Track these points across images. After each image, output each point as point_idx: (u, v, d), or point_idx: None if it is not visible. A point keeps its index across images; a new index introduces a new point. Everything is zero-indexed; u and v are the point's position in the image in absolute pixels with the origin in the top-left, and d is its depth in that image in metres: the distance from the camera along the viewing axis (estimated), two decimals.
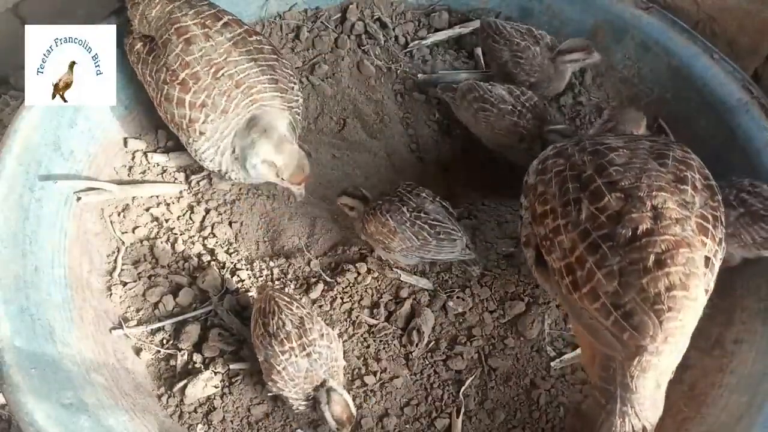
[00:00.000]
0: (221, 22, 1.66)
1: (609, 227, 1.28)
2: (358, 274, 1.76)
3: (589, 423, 1.35)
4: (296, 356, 1.44)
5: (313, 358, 1.45)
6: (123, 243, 1.79)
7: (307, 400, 1.48)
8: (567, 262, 1.33)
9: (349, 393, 1.50)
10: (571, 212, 1.34)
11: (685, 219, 1.27)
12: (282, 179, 1.66)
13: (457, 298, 1.75)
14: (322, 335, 1.49)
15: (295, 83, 1.74)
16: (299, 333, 1.46)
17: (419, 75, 2.17)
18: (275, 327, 1.46)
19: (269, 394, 1.56)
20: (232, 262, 1.80)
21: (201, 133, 1.64)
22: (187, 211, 1.87)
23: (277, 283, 1.77)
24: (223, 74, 1.61)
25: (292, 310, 1.50)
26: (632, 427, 1.27)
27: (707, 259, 1.28)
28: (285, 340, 1.44)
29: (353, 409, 1.47)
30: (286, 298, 1.53)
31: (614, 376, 1.27)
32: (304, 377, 1.45)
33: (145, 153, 1.92)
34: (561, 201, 1.37)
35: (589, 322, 1.33)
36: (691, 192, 1.32)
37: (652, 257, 1.22)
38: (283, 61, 1.74)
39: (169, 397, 1.60)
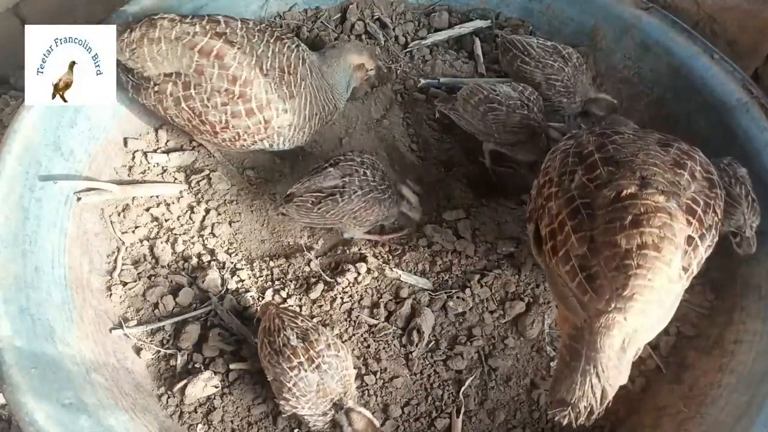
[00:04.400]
0: (222, 24, 1.65)
1: (593, 195, 1.34)
2: (358, 274, 1.76)
3: (552, 380, 1.36)
4: (305, 371, 1.41)
5: (323, 369, 1.42)
6: (123, 243, 1.79)
7: (323, 415, 1.45)
8: (551, 228, 1.39)
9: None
10: (565, 181, 1.41)
11: (673, 194, 1.31)
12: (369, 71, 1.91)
13: (457, 298, 1.75)
14: (329, 345, 1.46)
15: (290, 36, 1.77)
16: (305, 346, 1.43)
17: (421, 80, 2.16)
18: (281, 344, 1.44)
19: (283, 416, 1.55)
20: (232, 262, 1.80)
21: (279, 127, 1.71)
22: (187, 211, 1.87)
23: (277, 283, 1.77)
24: (267, 69, 1.64)
25: (296, 323, 1.48)
26: (592, 386, 1.26)
27: (690, 238, 1.30)
28: (292, 356, 1.42)
29: (377, 423, 1.46)
30: (289, 314, 1.51)
31: (582, 335, 1.29)
32: (317, 391, 1.42)
33: (145, 153, 1.92)
34: (559, 172, 1.44)
35: (561, 289, 1.37)
36: (687, 177, 1.36)
37: (630, 217, 1.27)
38: (271, 28, 1.75)
39: (169, 397, 1.60)
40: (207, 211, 1.88)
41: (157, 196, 1.87)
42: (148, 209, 1.85)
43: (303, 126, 1.76)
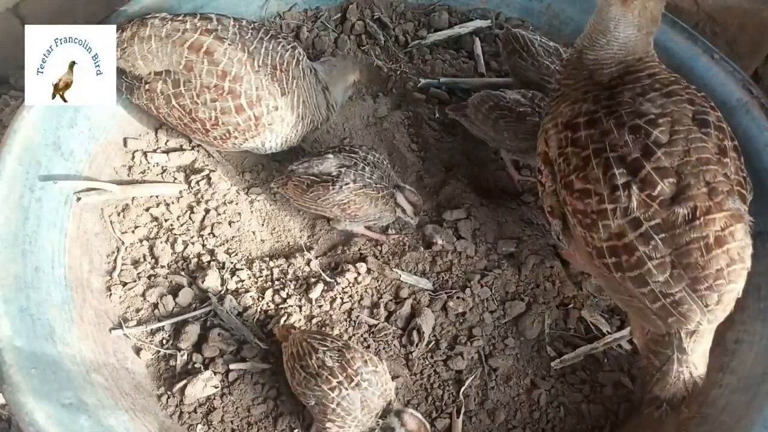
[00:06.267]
0: (214, 22, 1.65)
1: (662, 215, 1.29)
2: (358, 274, 1.76)
3: (644, 383, 1.45)
4: (346, 389, 1.39)
5: (363, 387, 1.40)
6: (123, 243, 1.79)
7: (371, 431, 1.43)
8: (612, 245, 1.34)
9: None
10: (620, 198, 1.31)
11: (732, 190, 1.31)
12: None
13: (457, 298, 1.75)
14: (366, 362, 1.44)
15: (286, 37, 1.76)
16: (342, 365, 1.41)
17: (421, 80, 2.16)
18: (316, 366, 1.41)
19: None
20: (232, 262, 1.80)
21: (270, 124, 1.69)
22: (187, 211, 1.87)
23: (276, 283, 1.77)
24: (259, 65, 1.63)
25: (327, 345, 1.46)
26: (684, 382, 1.38)
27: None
28: (330, 377, 1.40)
29: (428, 425, 1.44)
30: (318, 336, 1.49)
31: (671, 341, 1.36)
32: (361, 409, 1.40)
33: (145, 153, 1.92)
34: (608, 185, 1.33)
35: (628, 299, 1.39)
36: (729, 162, 1.35)
37: (712, 236, 1.27)
38: (266, 27, 1.74)
39: (169, 397, 1.60)
40: (207, 211, 1.88)
41: (157, 196, 1.87)
42: (147, 209, 1.85)
43: (296, 124, 1.75)
